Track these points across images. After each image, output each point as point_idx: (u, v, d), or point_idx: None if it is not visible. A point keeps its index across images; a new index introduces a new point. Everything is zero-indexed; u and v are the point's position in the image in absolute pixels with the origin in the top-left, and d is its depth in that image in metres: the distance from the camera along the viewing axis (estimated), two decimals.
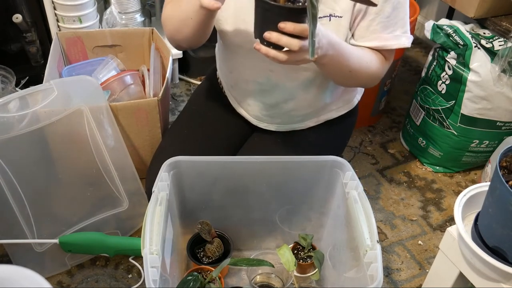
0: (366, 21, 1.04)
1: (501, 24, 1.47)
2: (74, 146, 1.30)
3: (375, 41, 1.05)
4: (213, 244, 1.24)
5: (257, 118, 1.26)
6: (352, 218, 1.08)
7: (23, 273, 0.79)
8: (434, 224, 1.55)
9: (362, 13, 1.03)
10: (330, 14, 1.03)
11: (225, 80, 1.29)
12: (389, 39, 1.05)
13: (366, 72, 1.05)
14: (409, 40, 1.08)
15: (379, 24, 1.03)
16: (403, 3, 1.04)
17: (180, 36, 1.06)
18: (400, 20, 1.04)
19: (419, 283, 1.36)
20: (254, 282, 1.23)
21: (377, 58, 1.07)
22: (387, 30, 1.04)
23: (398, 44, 1.06)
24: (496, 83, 1.45)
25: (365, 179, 1.69)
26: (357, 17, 1.04)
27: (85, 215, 1.33)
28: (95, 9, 1.76)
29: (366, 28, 1.04)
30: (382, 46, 1.06)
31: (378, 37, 1.05)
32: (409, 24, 1.08)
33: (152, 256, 0.95)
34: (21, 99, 1.21)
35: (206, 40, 1.08)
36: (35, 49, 1.73)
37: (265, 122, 1.26)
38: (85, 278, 1.32)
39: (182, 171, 1.15)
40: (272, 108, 1.20)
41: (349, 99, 1.29)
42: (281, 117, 1.22)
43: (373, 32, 1.04)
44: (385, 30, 1.04)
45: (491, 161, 1.58)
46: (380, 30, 1.04)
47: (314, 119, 1.25)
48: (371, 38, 1.05)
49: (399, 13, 1.04)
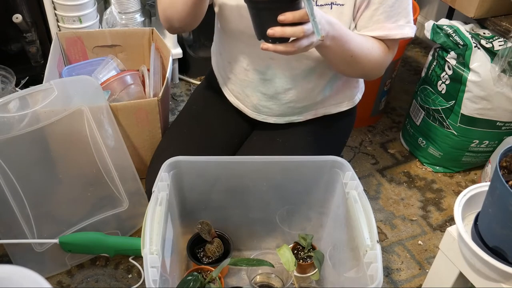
0: (370, 11, 1.03)
1: (501, 24, 1.47)
2: (74, 146, 1.30)
3: (379, 31, 1.05)
4: (213, 244, 1.24)
5: (255, 109, 1.24)
6: (352, 218, 1.08)
7: (23, 273, 0.79)
8: (434, 224, 1.55)
9: (366, 3, 1.03)
10: (332, 2, 1.02)
11: (222, 74, 1.28)
12: (392, 28, 1.04)
13: (368, 59, 1.04)
14: (412, 30, 1.06)
15: (383, 14, 1.02)
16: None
17: (172, 11, 1.02)
18: (403, 10, 1.04)
19: (419, 283, 1.36)
20: (254, 282, 1.23)
21: (379, 46, 1.06)
22: (390, 20, 1.03)
23: (401, 33, 1.05)
24: (496, 83, 1.45)
25: (365, 179, 1.69)
26: (361, 7, 1.03)
27: (85, 215, 1.33)
28: (95, 9, 1.76)
29: (370, 18, 1.04)
30: (386, 36, 1.05)
31: (381, 27, 1.04)
32: (412, 14, 1.07)
33: (152, 256, 0.95)
34: (21, 99, 1.21)
35: (199, 22, 1.06)
36: (35, 49, 1.74)
37: (263, 114, 1.24)
38: (85, 278, 1.32)
39: (182, 171, 1.15)
40: (271, 99, 1.20)
41: (350, 95, 1.27)
42: (280, 108, 1.21)
43: (376, 22, 1.04)
44: (388, 20, 1.03)
45: (491, 161, 1.58)
46: (383, 19, 1.03)
47: (313, 112, 1.24)
48: (374, 28, 1.05)
49: (402, 2, 1.03)
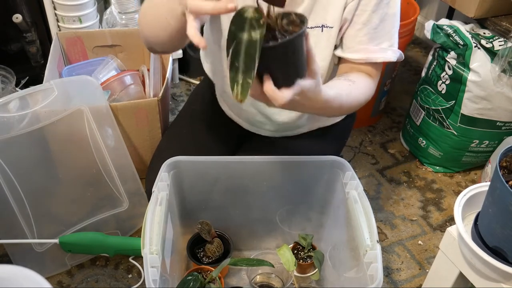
0: (353, 30, 1.01)
1: (501, 24, 1.47)
2: (74, 146, 1.30)
3: (361, 53, 1.02)
4: (213, 244, 1.24)
5: (250, 123, 1.24)
6: (352, 218, 1.08)
7: (23, 273, 0.79)
8: (434, 224, 1.55)
9: (348, 22, 1.01)
10: (323, 25, 1.01)
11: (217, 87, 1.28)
12: (375, 51, 1.02)
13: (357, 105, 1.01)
14: (395, 54, 1.04)
15: (366, 35, 1.01)
16: (391, 16, 1.01)
17: (155, 40, 0.95)
18: (386, 33, 1.02)
19: (419, 283, 1.36)
20: (254, 282, 1.23)
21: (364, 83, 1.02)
22: (373, 42, 1.01)
23: (383, 57, 1.02)
24: (496, 83, 1.45)
25: (365, 179, 1.69)
26: (344, 25, 1.02)
27: (85, 215, 1.33)
28: (95, 9, 1.76)
29: (353, 37, 1.02)
30: (368, 59, 1.02)
31: (364, 49, 1.02)
32: (397, 38, 1.05)
33: (152, 256, 0.95)
34: (21, 99, 1.22)
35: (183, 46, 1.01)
36: (35, 49, 1.73)
37: (256, 127, 1.24)
38: (85, 278, 1.32)
39: (182, 171, 1.15)
40: (266, 118, 1.19)
41: None
42: (274, 126, 1.21)
43: (359, 42, 1.02)
44: (371, 42, 1.01)
45: (491, 161, 1.58)
46: (366, 41, 1.01)
47: (308, 126, 1.24)
48: (357, 49, 1.02)
49: (386, 25, 1.01)
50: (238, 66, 0.66)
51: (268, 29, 0.67)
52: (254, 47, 0.64)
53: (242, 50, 0.65)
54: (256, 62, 0.65)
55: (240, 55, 0.65)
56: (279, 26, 0.69)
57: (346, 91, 0.96)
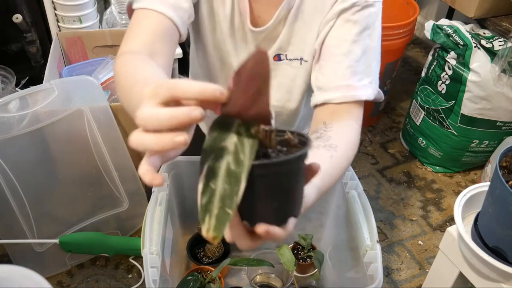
0: (332, 63, 0.90)
1: (501, 24, 1.47)
2: (74, 146, 1.30)
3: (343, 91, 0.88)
4: (213, 244, 1.24)
5: None
6: (352, 218, 1.08)
7: (23, 273, 0.79)
8: (434, 224, 1.55)
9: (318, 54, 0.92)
10: (301, 58, 0.97)
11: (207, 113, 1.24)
12: (358, 88, 0.89)
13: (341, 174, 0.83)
14: (374, 92, 0.90)
15: (348, 68, 0.88)
16: (372, 49, 0.91)
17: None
18: (367, 68, 0.90)
19: (419, 283, 1.36)
20: (254, 282, 1.23)
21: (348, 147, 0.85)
22: (356, 77, 0.89)
23: (366, 95, 0.89)
24: (496, 83, 1.45)
25: (365, 179, 1.69)
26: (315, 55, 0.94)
27: (85, 215, 1.33)
28: (95, 9, 1.76)
29: (334, 72, 0.89)
30: (353, 97, 0.88)
31: (346, 86, 0.88)
32: (378, 75, 0.93)
33: (152, 256, 0.95)
34: (21, 99, 1.21)
35: None
36: (35, 49, 1.73)
37: None
38: (85, 278, 1.32)
39: (181, 171, 1.15)
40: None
41: None
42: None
43: (341, 78, 0.89)
44: (354, 77, 0.89)
45: (491, 161, 1.58)
46: (349, 75, 0.88)
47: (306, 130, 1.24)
48: (338, 86, 0.89)
49: (368, 59, 0.90)
50: (214, 189, 0.45)
51: (259, 145, 0.48)
52: (241, 164, 0.45)
53: (223, 167, 0.46)
54: (242, 184, 0.44)
55: (218, 173, 0.46)
56: (272, 143, 0.49)
57: (329, 171, 0.77)
